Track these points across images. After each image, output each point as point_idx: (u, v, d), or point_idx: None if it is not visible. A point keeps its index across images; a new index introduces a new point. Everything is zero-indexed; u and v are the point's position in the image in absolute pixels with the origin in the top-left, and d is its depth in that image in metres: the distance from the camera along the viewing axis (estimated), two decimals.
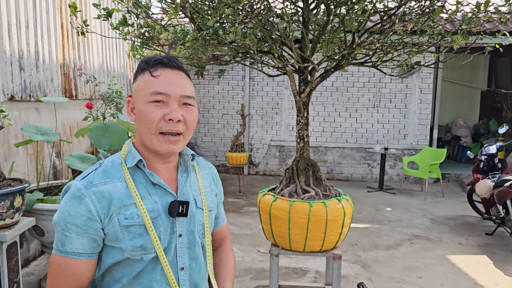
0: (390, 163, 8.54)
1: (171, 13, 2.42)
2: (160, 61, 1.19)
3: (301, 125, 3.16)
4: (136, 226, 1.16)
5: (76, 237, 1.13)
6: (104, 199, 1.14)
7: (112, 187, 1.16)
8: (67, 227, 1.13)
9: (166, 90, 1.16)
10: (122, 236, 1.15)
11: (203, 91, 8.89)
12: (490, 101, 10.65)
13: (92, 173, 1.19)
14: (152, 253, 1.18)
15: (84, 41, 5.12)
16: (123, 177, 1.19)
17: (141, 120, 1.18)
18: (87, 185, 1.15)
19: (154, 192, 1.21)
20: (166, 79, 1.17)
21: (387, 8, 2.86)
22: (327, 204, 2.90)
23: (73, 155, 3.45)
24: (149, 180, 1.21)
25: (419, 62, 3.46)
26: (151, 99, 1.16)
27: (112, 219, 1.14)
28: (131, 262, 1.18)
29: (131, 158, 1.21)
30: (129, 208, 1.16)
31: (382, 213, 6.23)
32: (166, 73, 1.19)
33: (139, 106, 1.18)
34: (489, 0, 2.51)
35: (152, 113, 1.15)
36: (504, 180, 4.92)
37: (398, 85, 8.39)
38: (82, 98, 5.04)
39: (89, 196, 1.13)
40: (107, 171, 1.19)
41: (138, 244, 1.16)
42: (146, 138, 1.19)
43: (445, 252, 4.70)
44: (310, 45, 3.04)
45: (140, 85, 1.19)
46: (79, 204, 1.13)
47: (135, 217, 1.16)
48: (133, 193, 1.17)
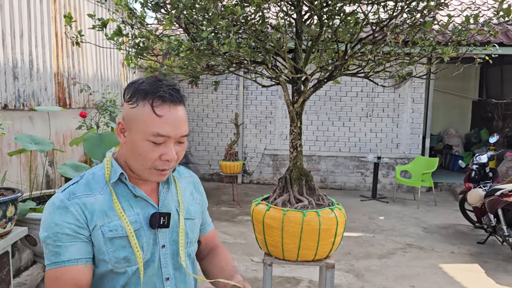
0: (383, 172, 8.59)
1: (166, 23, 2.44)
2: (165, 98, 1.14)
3: (294, 134, 3.18)
4: (119, 238, 1.17)
5: (70, 244, 1.12)
6: (86, 210, 1.15)
7: (94, 200, 1.17)
8: (58, 237, 1.12)
9: (168, 133, 1.14)
10: (106, 248, 1.15)
11: (197, 100, 8.92)
12: (482, 110, 10.76)
13: (74, 185, 1.19)
14: (135, 264, 1.19)
15: (79, 50, 5.14)
16: (105, 189, 1.19)
17: (135, 154, 1.16)
18: (69, 196, 1.15)
19: (136, 204, 1.22)
20: (169, 120, 1.14)
21: (379, 20, 2.90)
22: (320, 213, 2.92)
23: (66, 164, 3.45)
24: (131, 192, 1.22)
25: (411, 73, 3.51)
26: (152, 140, 1.14)
27: (95, 231, 1.15)
28: (115, 275, 1.18)
29: (113, 173, 1.21)
30: (112, 220, 1.17)
31: (375, 222, 6.26)
32: (170, 112, 1.14)
33: (136, 140, 1.15)
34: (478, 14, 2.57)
35: (150, 152, 1.15)
36: (495, 189, 4.97)
37: (391, 95, 8.47)
38: (76, 107, 5.04)
39: (73, 206, 1.14)
40: (88, 183, 1.20)
41: (121, 256, 1.17)
42: (137, 169, 1.19)
43: (437, 261, 4.72)
44: (303, 55, 3.08)
45: (140, 118, 1.14)
46: (66, 214, 1.13)
47: (119, 229, 1.16)
48: (115, 206, 1.18)
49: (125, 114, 1.19)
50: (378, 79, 3.46)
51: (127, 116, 1.17)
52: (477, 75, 11.02)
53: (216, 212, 6.45)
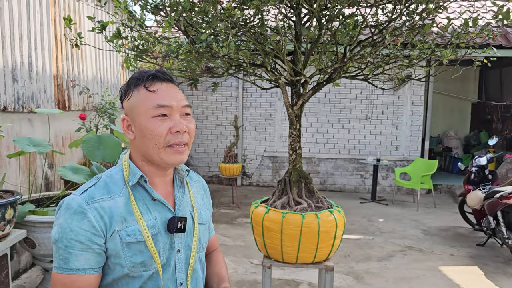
0: (383, 174, 8.59)
1: (165, 26, 2.45)
2: (154, 75, 1.19)
3: (294, 137, 3.18)
4: (137, 243, 1.16)
5: (81, 253, 1.11)
6: (106, 215, 1.13)
7: (113, 203, 1.15)
8: (71, 243, 1.10)
9: (169, 102, 1.17)
10: (123, 252, 1.14)
11: (197, 102, 8.92)
12: (481, 112, 10.77)
13: (92, 187, 1.17)
14: (151, 269, 1.18)
15: (78, 52, 5.14)
16: (123, 192, 1.18)
17: (146, 136, 1.16)
18: (88, 200, 1.13)
19: (153, 208, 1.21)
20: (165, 92, 1.18)
21: (378, 23, 2.91)
22: (319, 215, 2.92)
23: (66, 167, 3.44)
24: (149, 195, 1.21)
25: (410, 75, 3.52)
26: (155, 114, 1.15)
27: (113, 236, 1.14)
28: (130, 279, 1.17)
29: (132, 175, 1.20)
30: (130, 224, 1.16)
31: (375, 224, 6.25)
32: (163, 86, 1.19)
33: (142, 122, 1.16)
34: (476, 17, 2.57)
35: (158, 127, 1.15)
36: (495, 191, 4.97)
37: (390, 97, 8.47)
38: (75, 109, 5.04)
39: (91, 211, 1.12)
40: (107, 186, 1.18)
41: (138, 260, 1.16)
42: (153, 153, 1.18)
43: (437, 263, 4.72)
44: (302, 58, 3.08)
45: (138, 101, 1.18)
46: (82, 220, 1.11)
47: (137, 233, 1.15)
48: (134, 211, 1.17)
49: (126, 109, 1.22)
50: (377, 81, 3.46)
51: (128, 108, 1.20)
52: (477, 78, 11.04)
53: (216, 214, 6.44)
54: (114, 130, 3.83)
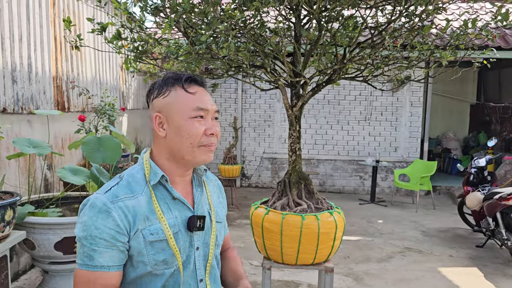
0: (382, 175, 8.59)
1: (165, 27, 2.45)
2: (193, 78, 1.25)
3: (293, 138, 3.18)
4: (159, 242, 1.19)
5: (105, 251, 1.14)
6: (129, 214, 1.16)
7: (136, 202, 1.19)
8: (95, 241, 1.13)
9: (206, 106, 1.23)
10: (146, 251, 1.18)
11: None
12: (480, 114, 10.78)
13: (115, 186, 1.20)
14: (173, 267, 1.22)
15: (77, 54, 5.14)
16: (145, 192, 1.22)
17: (182, 135, 1.21)
18: (113, 199, 1.17)
19: (174, 207, 1.25)
20: (201, 95, 1.24)
21: (378, 24, 2.91)
22: (319, 217, 2.92)
23: (65, 168, 3.44)
24: (170, 194, 1.25)
25: (409, 77, 3.52)
26: (193, 115, 1.20)
27: (137, 234, 1.17)
28: (153, 277, 1.21)
29: (153, 175, 1.23)
30: (153, 223, 1.19)
31: (374, 225, 6.25)
32: (199, 89, 1.25)
33: (179, 122, 1.21)
34: (476, 19, 2.58)
35: (196, 128, 1.20)
36: (494, 192, 4.97)
37: (389, 98, 8.48)
38: (75, 111, 5.04)
39: (115, 210, 1.15)
40: (129, 185, 1.21)
41: (161, 258, 1.19)
42: (186, 152, 1.22)
43: (436, 265, 4.72)
44: (302, 59, 3.09)
45: (176, 101, 1.22)
46: (107, 218, 1.14)
47: (159, 232, 1.19)
48: (156, 210, 1.20)
49: (160, 107, 1.23)
50: (376, 83, 3.46)
51: (163, 106, 1.23)
52: (475, 79, 11.06)
53: None
54: (113, 132, 3.83)
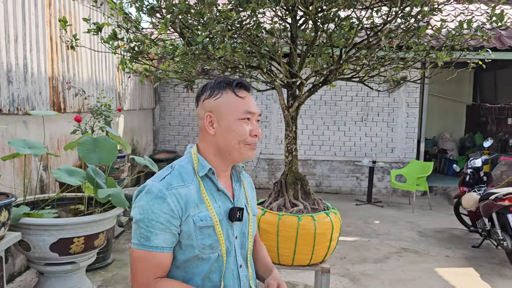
0: (378, 176, 8.61)
1: (161, 28, 2.45)
2: (243, 84, 1.40)
3: (290, 139, 3.18)
4: (207, 228, 1.33)
5: (160, 233, 1.27)
6: (182, 201, 1.30)
7: (187, 190, 1.32)
8: (152, 224, 1.27)
9: (253, 109, 1.39)
10: (195, 235, 1.31)
11: (193, 104, 8.91)
12: (476, 115, 10.82)
13: (168, 176, 1.34)
14: (217, 252, 1.35)
15: (73, 54, 5.12)
16: (194, 182, 1.36)
17: (231, 134, 1.36)
18: (168, 186, 1.30)
19: (218, 197, 1.39)
20: (249, 100, 1.40)
21: (374, 25, 2.92)
22: (316, 217, 2.92)
23: (61, 169, 3.43)
24: (214, 186, 1.40)
25: (405, 77, 3.53)
26: (242, 117, 1.36)
27: (188, 219, 1.30)
28: (200, 261, 1.34)
29: (201, 167, 1.38)
30: (201, 210, 1.33)
31: (371, 226, 6.26)
32: (247, 94, 1.41)
33: (229, 122, 1.36)
34: (471, 20, 2.59)
35: (244, 129, 1.36)
36: (490, 193, 4.99)
37: (386, 99, 8.50)
38: (71, 111, 5.02)
39: (170, 196, 1.29)
40: (181, 175, 1.35)
41: (207, 243, 1.33)
42: (233, 149, 1.37)
43: (433, 265, 4.73)
44: (298, 60, 3.09)
45: (227, 103, 1.37)
46: (163, 203, 1.27)
47: (208, 219, 1.33)
48: (204, 198, 1.35)
49: (211, 107, 1.38)
50: (372, 83, 3.47)
51: (214, 107, 1.38)
52: (471, 80, 11.09)
53: None
54: (109, 133, 3.82)
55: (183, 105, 8.99)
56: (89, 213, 3.45)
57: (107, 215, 3.33)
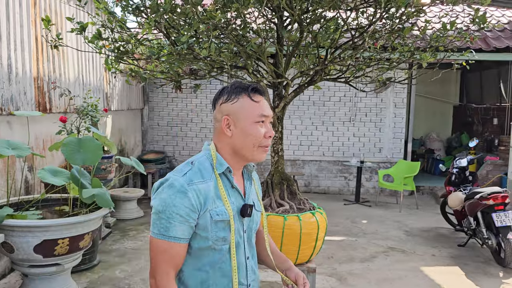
0: (366, 176, 8.66)
1: (145, 27, 2.43)
2: (257, 89, 1.47)
3: (276, 139, 3.19)
4: (222, 222, 1.43)
5: (179, 225, 1.36)
6: (201, 196, 1.39)
7: (206, 186, 1.41)
8: (172, 216, 1.36)
9: (268, 113, 1.46)
10: (211, 228, 1.41)
11: (181, 105, 8.88)
12: (462, 115, 10.94)
13: (189, 172, 1.42)
14: (228, 243, 1.45)
15: (60, 54, 5.07)
16: (212, 178, 1.45)
17: (248, 136, 1.44)
18: (189, 182, 1.39)
19: (232, 194, 1.49)
20: (263, 104, 1.47)
21: (359, 26, 2.94)
22: (301, 217, 2.93)
23: (45, 169, 3.39)
24: (229, 183, 1.49)
25: (391, 78, 3.55)
26: (257, 120, 1.44)
27: (205, 213, 1.40)
28: (212, 252, 1.43)
29: (219, 165, 1.47)
30: (218, 206, 1.43)
31: (358, 225, 6.30)
32: (262, 98, 1.48)
33: (245, 125, 1.44)
34: (454, 21, 2.62)
35: (259, 131, 1.45)
36: (475, 192, 5.05)
37: (373, 100, 8.55)
38: (57, 112, 4.97)
39: (191, 192, 1.37)
40: (200, 171, 1.43)
41: (221, 235, 1.43)
42: (248, 150, 1.46)
43: (419, 264, 4.77)
44: (284, 60, 3.09)
45: (243, 107, 1.44)
46: (184, 198, 1.36)
47: (224, 213, 1.43)
48: (222, 195, 1.45)
49: (228, 111, 1.46)
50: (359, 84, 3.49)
51: (231, 111, 1.45)
52: (458, 80, 11.21)
53: None
54: (94, 133, 3.79)
55: (172, 106, 8.95)
56: (74, 214, 3.42)
57: (92, 216, 3.31)
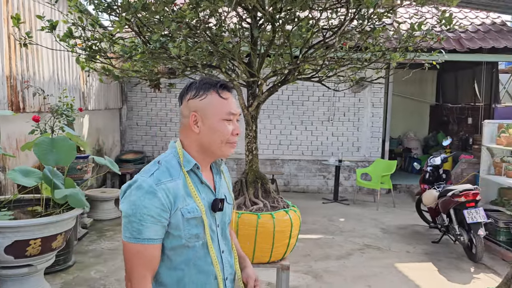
0: (345, 175, 8.75)
1: (116, 26, 2.43)
2: (226, 85, 1.48)
3: (250, 138, 3.22)
4: (194, 219, 1.42)
5: (152, 225, 1.35)
6: (171, 195, 1.38)
7: (175, 185, 1.40)
8: (143, 218, 1.34)
9: (235, 110, 1.48)
10: (183, 226, 1.40)
11: (160, 104, 8.84)
12: (439, 114, 11.15)
13: (157, 171, 1.41)
14: (201, 240, 1.45)
15: (33, 52, 5.00)
16: (181, 176, 1.44)
17: (215, 133, 1.45)
18: (157, 182, 1.37)
19: (202, 190, 1.49)
20: (232, 101, 1.48)
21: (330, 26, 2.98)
22: (275, 215, 2.95)
23: (16, 170, 3.34)
24: (198, 179, 1.49)
25: (363, 77, 3.61)
26: (225, 118, 1.45)
27: (176, 212, 1.39)
28: (185, 249, 1.43)
29: (186, 162, 1.46)
30: (189, 203, 1.42)
31: (336, 223, 6.37)
32: (230, 96, 1.49)
33: (213, 122, 1.44)
34: (422, 22, 2.68)
35: (227, 128, 1.46)
36: (448, 190, 5.16)
37: (351, 99, 8.65)
38: (31, 111, 4.89)
39: (160, 191, 1.36)
40: (168, 170, 1.42)
41: (194, 233, 1.42)
42: (216, 147, 1.47)
43: (394, 261, 4.86)
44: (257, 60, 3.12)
45: (211, 104, 1.44)
46: (154, 198, 1.35)
47: (195, 211, 1.42)
48: (192, 192, 1.44)
49: (196, 107, 1.45)
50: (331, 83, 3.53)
51: (199, 107, 1.45)
52: (434, 80, 11.43)
53: None
54: (67, 133, 3.74)
55: (151, 105, 8.89)
56: (47, 214, 3.37)
57: (65, 216, 3.27)
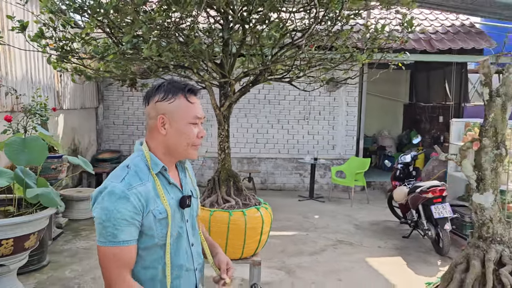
0: (320, 172, 8.90)
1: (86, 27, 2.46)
2: (193, 90, 1.55)
3: (222, 137, 3.28)
4: (164, 219, 1.49)
5: (126, 228, 1.40)
6: (142, 198, 1.44)
7: (146, 188, 1.46)
8: (117, 222, 1.38)
9: (201, 114, 1.55)
10: (155, 227, 1.46)
11: (137, 103, 8.81)
12: (412, 113, 11.42)
13: (127, 176, 1.45)
14: (173, 236, 1.52)
15: (5, 52, 4.95)
16: (150, 178, 1.49)
17: (182, 136, 1.51)
18: (129, 187, 1.42)
19: (170, 190, 1.56)
20: (198, 106, 1.55)
21: (298, 29, 3.07)
22: (246, 212, 3.03)
23: None
24: (166, 180, 1.55)
25: (333, 78, 3.72)
26: (192, 121, 1.52)
27: (148, 214, 1.45)
28: (157, 248, 1.49)
29: (154, 165, 1.51)
30: (159, 204, 1.48)
31: (310, 220, 6.49)
32: (197, 100, 1.56)
33: (180, 125, 1.50)
34: (385, 25, 2.79)
35: (193, 131, 1.52)
36: (416, 186, 5.34)
37: (326, 99, 8.80)
38: (3, 111, 4.84)
39: (132, 196, 1.41)
40: (137, 174, 1.47)
41: (165, 231, 1.49)
42: (182, 149, 1.54)
43: (365, 255, 5.00)
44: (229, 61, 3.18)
45: (179, 108, 1.50)
46: (127, 203, 1.39)
47: (164, 212, 1.49)
48: (160, 193, 1.50)
49: (164, 110, 1.50)
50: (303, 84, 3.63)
51: (167, 110, 1.50)
52: (407, 80, 11.69)
53: None
54: (39, 132, 3.74)
55: (128, 104, 8.86)
56: (19, 214, 3.37)
57: (38, 215, 3.27)
